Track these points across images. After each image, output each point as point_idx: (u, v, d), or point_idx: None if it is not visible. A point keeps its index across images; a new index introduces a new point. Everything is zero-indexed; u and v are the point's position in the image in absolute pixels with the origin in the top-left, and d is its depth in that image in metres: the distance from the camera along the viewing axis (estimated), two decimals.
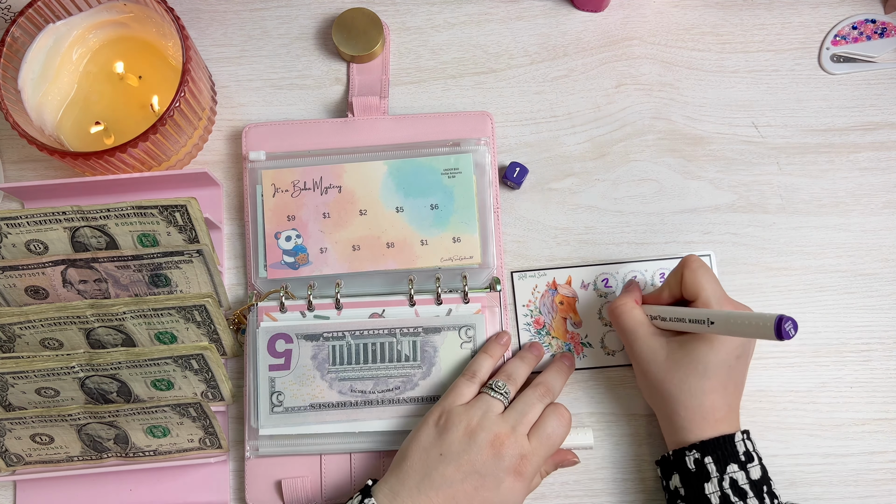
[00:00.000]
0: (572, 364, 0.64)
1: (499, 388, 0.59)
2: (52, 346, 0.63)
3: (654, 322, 0.60)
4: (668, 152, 0.69)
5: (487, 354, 0.62)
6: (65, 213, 0.61)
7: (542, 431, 0.58)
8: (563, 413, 0.59)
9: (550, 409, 0.59)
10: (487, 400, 0.58)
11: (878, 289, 0.67)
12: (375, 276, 0.65)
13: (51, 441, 0.62)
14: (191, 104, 0.64)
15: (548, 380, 0.61)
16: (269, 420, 0.62)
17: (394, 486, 0.55)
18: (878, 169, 0.69)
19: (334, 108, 0.71)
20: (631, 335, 0.60)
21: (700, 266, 0.58)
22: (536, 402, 0.59)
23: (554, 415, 0.59)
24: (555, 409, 0.59)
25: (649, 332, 0.59)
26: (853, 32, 0.71)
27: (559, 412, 0.59)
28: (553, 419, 0.58)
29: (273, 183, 0.66)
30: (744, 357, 0.58)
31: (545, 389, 0.60)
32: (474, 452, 0.55)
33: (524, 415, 0.58)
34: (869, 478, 0.64)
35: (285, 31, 0.72)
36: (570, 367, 0.64)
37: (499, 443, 0.56)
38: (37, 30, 0.65)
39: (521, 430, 0.57)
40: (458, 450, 0.56)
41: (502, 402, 0.59)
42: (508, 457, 0.56)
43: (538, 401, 0.59)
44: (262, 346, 0.63)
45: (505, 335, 0.64)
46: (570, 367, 0.64)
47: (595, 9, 0.72)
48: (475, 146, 0.67)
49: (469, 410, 0.58)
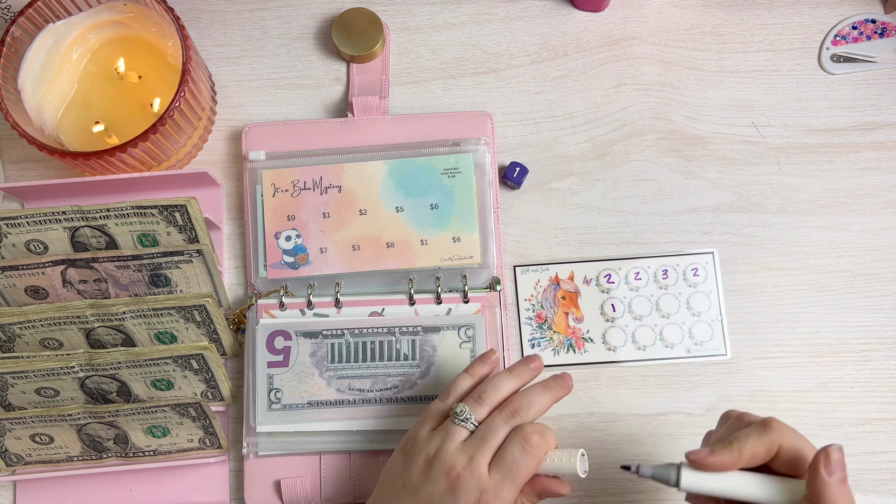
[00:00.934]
0: (566, 385, 0.55)
1: (458, 413, 0.52)
2: (51, 346, 0.63)
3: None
4: (668, 152, 0.69)
5: (468, 374, 0.56)
6: (65, 213, 0.61)
7: (503, 462, 0.50)
8: (529, 437, 0.50)
9: (514, 435, 0.51)
10: (449, 427, 0.52)
11: (878, 289, 0.67)
12: (375, 275, 0.65)
13: (51, 441, 0.62)
14: (191, 104, 0.64)
15: (522, 398, 0.53)
16: (267, 417, 0.62)
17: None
18: (878, 169, 0.69)
19: (334, 108, 0.71)
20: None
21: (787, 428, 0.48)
22: (501, 427, 0.52)
23: (516, 440, 0.51)
24: (518, 433, 0.51)
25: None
26: (853, 32, 0.71)
27: (523, 436, 0.51)
28: (514, 446, 0.50)
29: (273, 183, 0.66)
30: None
31: (513, 410, 0.52)
32: (431, 485, 0.50)
33: (484, 442, 0.51)
34: (869, 478, 0.64)
35: (285, 31, 0.72)
36: (561, 388, 0.55)
37: (454, 476, 0.50)
38: (37, 30, 0.65)
39: (480, 461, 0.50)
40: (417, 482, 0.51)
41: (465, 429, 0.52)
42: (465, 491, 0.50)
43: (503, 424, 0.52)
44: (261, 342, 0.63)
45: (492, 354, 0.58)
46: (561, 388, 0.55)
47: (595, 9, 0.72)
48: (475, 146, 0.67)
49: (431, 439, 0.52)
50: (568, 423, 0.65)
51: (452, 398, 0.55)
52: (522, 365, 0.56)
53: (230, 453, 0.65)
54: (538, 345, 0.66)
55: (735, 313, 0.66)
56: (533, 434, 0.51)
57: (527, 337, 0.66)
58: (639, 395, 0.65)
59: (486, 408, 0.53)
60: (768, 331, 0.66)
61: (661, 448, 0.64)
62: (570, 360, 0.65)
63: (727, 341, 0.65)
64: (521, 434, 0.51)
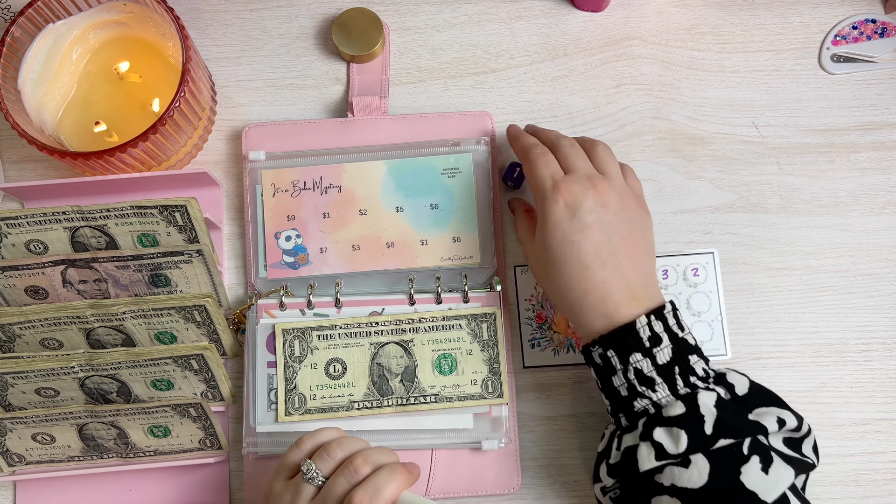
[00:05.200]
0: (414, 473, 0.54)
1: (307, 471, 0.52)
2: (51, 346, 0.63)
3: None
4: (668, 152, 0.69)
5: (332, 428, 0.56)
6: (65, 213, 0.61)
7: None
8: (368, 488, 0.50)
9: (357, 492, 0.50)
10: (298, 484, 0.52)
11: (878, 289, 0.67)
12: (375, 275, 0.65)
13: (52, 441, 0.62)
14: (191, 104, 0.64)
15: (367, 455, 0.52)
16: (267, 417, 0.62)
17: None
18: (878, 169, 0.69)
19: (334, 108, 0.71)
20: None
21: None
22: (342, 486, 0.51)
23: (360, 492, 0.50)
24: (361, 490, 0.50)
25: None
26: (853, 32, 0.71)
27: (364, 490, 0.50)
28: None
29: (273, 183, 0.66)
30: (583, 229, 0.54)
31: (354, 468, 0.52)
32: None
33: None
34: (869, 478, 0.64)
35: (285, 31, 0.72)
36: (408, 470, 0.53)
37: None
38: (37, 30, 0.65)
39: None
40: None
41: (312, 486, 0.52)
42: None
43: (345, 484, 0.51)
44: (261, 342, 0.63)
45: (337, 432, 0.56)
46: (408, 470, 0.53)
47: (595, 9, 0.72)
48: (475, 146, 0.67)
49: (284, 493, 0.53)
50: (568, 424, 0.65)
51: (303, 452, 0.54)
52: (398, 463, 0.55)
53: (230, 453, 0.65)
54: (538, 345, 0.66)
55: (735, 313, 0.66)
56: (363, 499, 0.50)
57: (527, 337, 0.66)
58: None
59: (332, 463, 0.53)
60: (768, 331, 0.66)
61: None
62: (570, 360, 0.65)
63: (727, 341, 0.65)
64: (367, 486, 0.51)
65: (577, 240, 0.54)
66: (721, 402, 0.52)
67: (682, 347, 0.53)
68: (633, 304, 0.54)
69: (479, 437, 0.62)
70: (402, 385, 0.62)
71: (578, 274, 0.54)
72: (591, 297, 0.54)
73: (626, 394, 0.53)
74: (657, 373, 0.53)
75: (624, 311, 0.54)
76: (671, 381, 0.52)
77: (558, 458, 0.64)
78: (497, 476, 0.63)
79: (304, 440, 0.55)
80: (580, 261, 0.54)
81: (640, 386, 0.53)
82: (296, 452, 0.54)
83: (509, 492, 0.63)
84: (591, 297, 0.54)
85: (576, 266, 0.54)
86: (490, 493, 0.63)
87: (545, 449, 0.64)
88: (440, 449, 0.63)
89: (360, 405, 0.62)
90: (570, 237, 0.55)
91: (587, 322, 0.55)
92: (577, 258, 0.54)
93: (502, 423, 0.62)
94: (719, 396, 0.52)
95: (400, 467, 0.53)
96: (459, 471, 0.63)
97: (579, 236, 0.54)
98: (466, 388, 0.62)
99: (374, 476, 0.51)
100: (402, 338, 0.63)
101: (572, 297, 0.55)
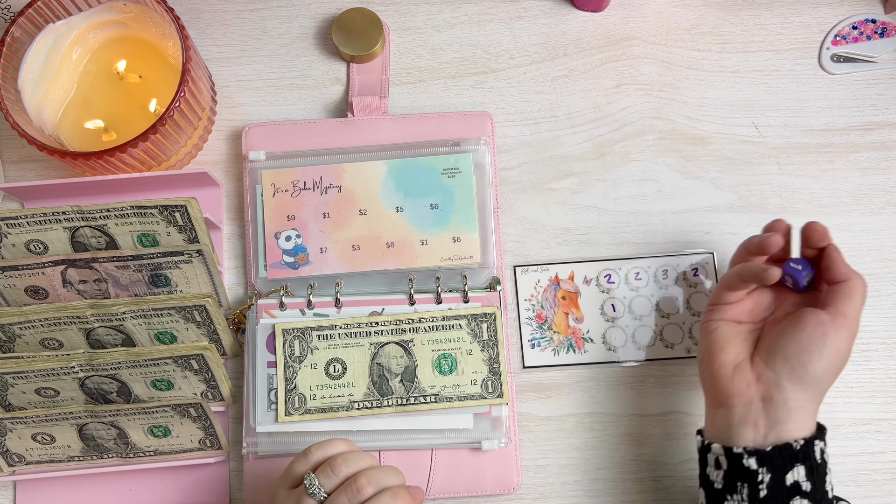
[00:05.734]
0: (417, 498, 0.53)
1: (309, 486, 0.51)
2: (51, 346, 0.63)
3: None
4: (668, 152, 0.69)
5: (341, 441, 0.54)
6: (65, 213, 0.61)
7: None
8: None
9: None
10: (300, 496, 0.51)
11: (878, 289, 0.66)
12: (375, 275, 0.65)
13: (52, 441, 0.62)
14: (191, 104, 0.64)
15: (371, 476, 0.51)
16: (267, 417, 0.62)
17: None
18: (878, 169, 0.69)
19: (334, 108, 0.71)
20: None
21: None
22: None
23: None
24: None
25: None
26: (853, 32, 0.71)
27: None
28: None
29: (273, 183, 0.66)
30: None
31: (357, 488, 0.50)
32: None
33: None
34: (869, 478, 0.64)
35: (285, 31, 0.72)
36: (411, 495, 0.52)
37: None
38: (37, 30, 0.65)
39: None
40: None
41: (314, 501, 0.51)
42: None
43: (346, 503, 0.50)
44: (261, 342, 0.63)
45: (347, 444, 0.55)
46: (411, 495, 0.52)
47: (595, 9, 0.72)
48: (475, 146, 0.67)
49: (285, 503, 0.52)
50: (568, 423, 0.65)
51: (309, 463, 0.53)
52: (402, 483, 0.54)
53: (230, 453, 0.65)
54: (538, 345, 0.66)
55: None
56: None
57: (527, 337, 0.66)
58: (639, 395, 0.65)
59: (335, 479, 0.51)
60: None
61: (661, 448, 0.64)
62: (570, 360, 0.65)
63: None
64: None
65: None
66: None
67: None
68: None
69: (479, 437, 0.62)
70: (402, 385, 0.62)
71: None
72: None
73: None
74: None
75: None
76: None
77: (558, 458, 0.64)
78: (497, 476, 0.63)
79: (312, 451, 0.53)
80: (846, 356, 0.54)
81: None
82: (302, 463, 0.53)
83: (509, 492, 0.63)
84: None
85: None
86: (490, 494, 0.63)
87: (545, 449, 0.65)
88: (440, 449, 0.63)
89: (360, 405, 0.62)
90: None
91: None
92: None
93: (502, 423, 0.63)
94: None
95: (403, 492, 0.51)
96: (459, 471, 0.63)
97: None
98: (466, 388, 0.62)
99: (377, 499, 0.50)
100: (402, 338, 0.63)
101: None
